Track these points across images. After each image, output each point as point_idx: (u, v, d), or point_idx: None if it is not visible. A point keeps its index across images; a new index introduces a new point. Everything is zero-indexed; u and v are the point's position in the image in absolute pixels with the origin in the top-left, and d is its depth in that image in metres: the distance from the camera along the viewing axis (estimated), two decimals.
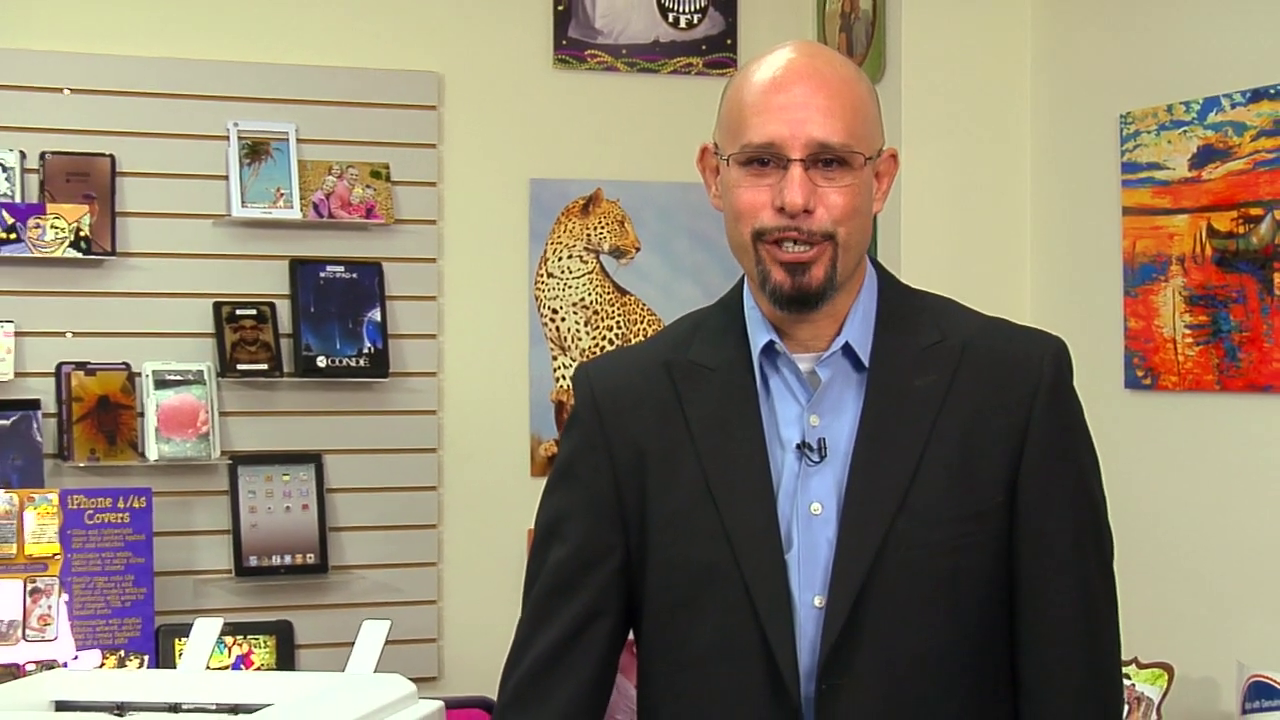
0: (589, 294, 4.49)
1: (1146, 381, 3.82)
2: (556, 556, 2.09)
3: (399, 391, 4.30)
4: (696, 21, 4.60)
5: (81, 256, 3.99)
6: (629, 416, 2.07)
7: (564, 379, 4.43)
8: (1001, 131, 4.28)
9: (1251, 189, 3.53)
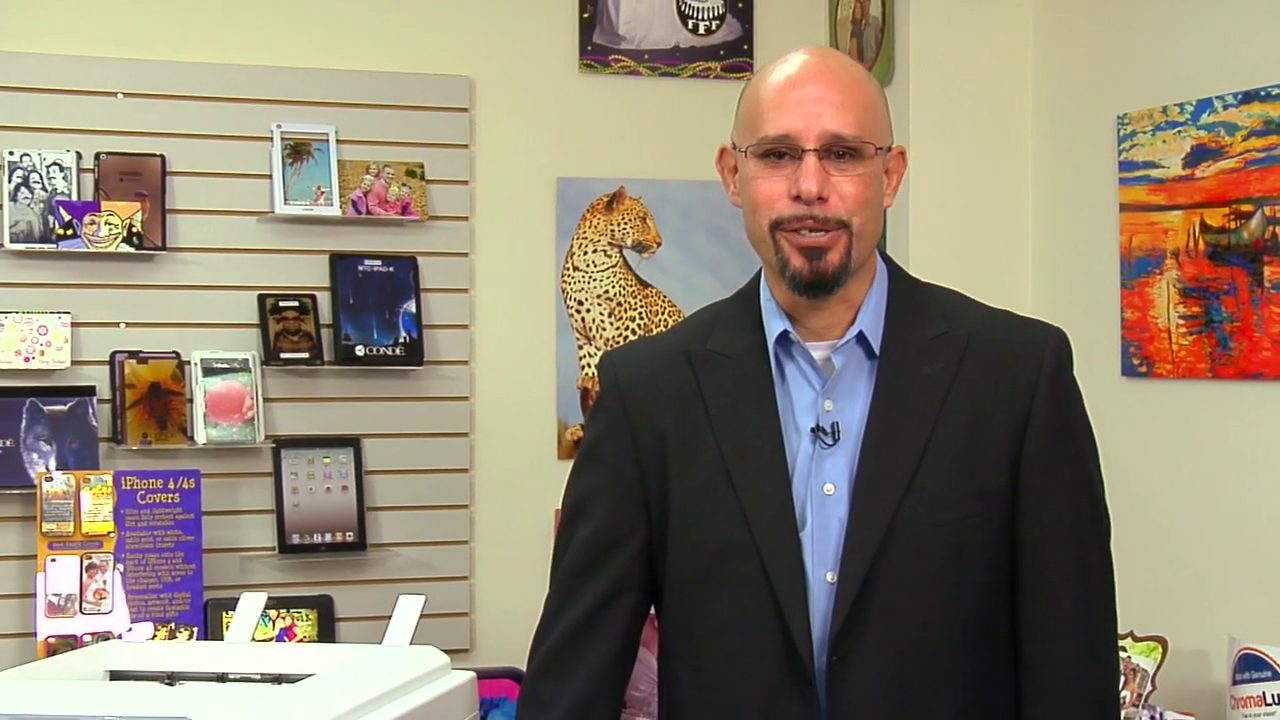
0: (613, 286, 4.48)
1: (1142, 370, 3.81)
2: (582, 535, 2.09)
3: (433, 379, 4.30)
4: (715, 27, 4.59)
5: (134, 251, 4.00)
6: (651, 403, 2.07)
7: (589, 367, 4.42)
8: (1004, 131, 4.26)
9: (1242, 186, 3.52)
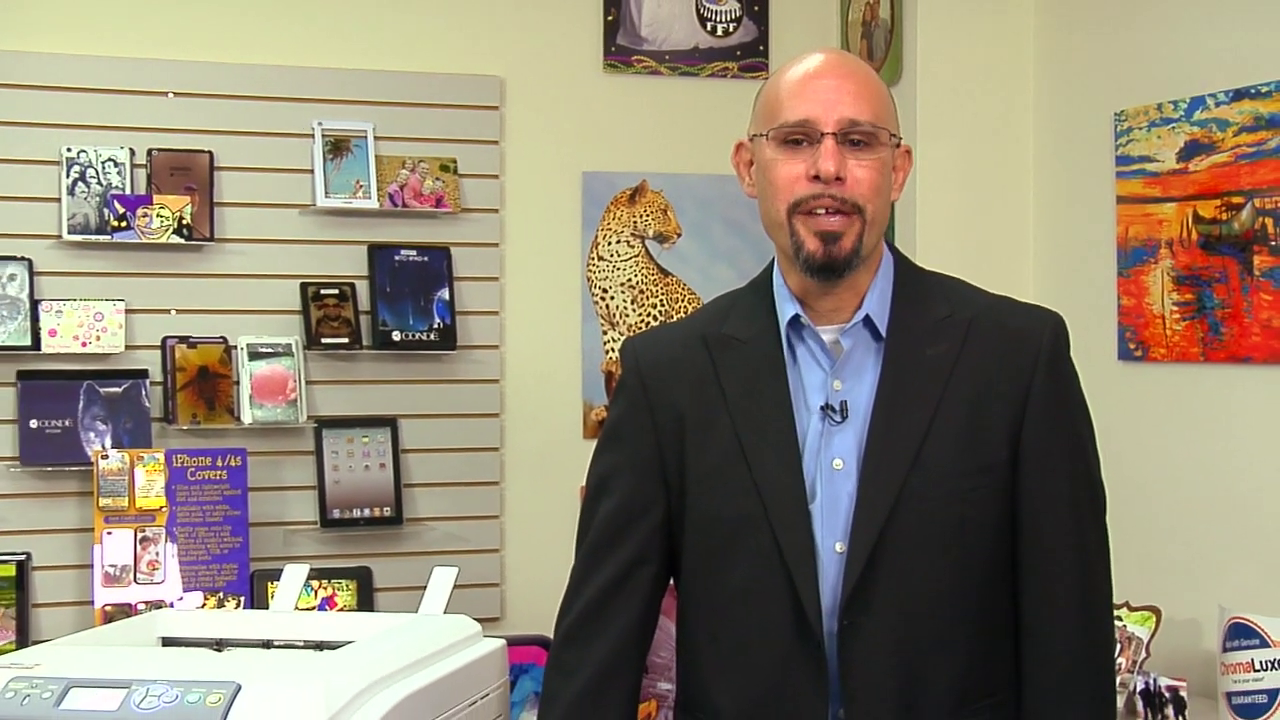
0: (635, 275, 4.48)
1: (1138, 354, 3.80)
2: (605, 510, 2.10)
3: (465, 362, 4.31)
4: (732, 30, 4.58)
5: (184, 242, 4.01)
6: (670, 384, 2.07)
7: (612, 351, 4.42)
8: (1007, 128, 4.25)
9: (1233, 180, 3.50)
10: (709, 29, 4.56)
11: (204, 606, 3.79)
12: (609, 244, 4.46)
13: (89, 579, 3.83)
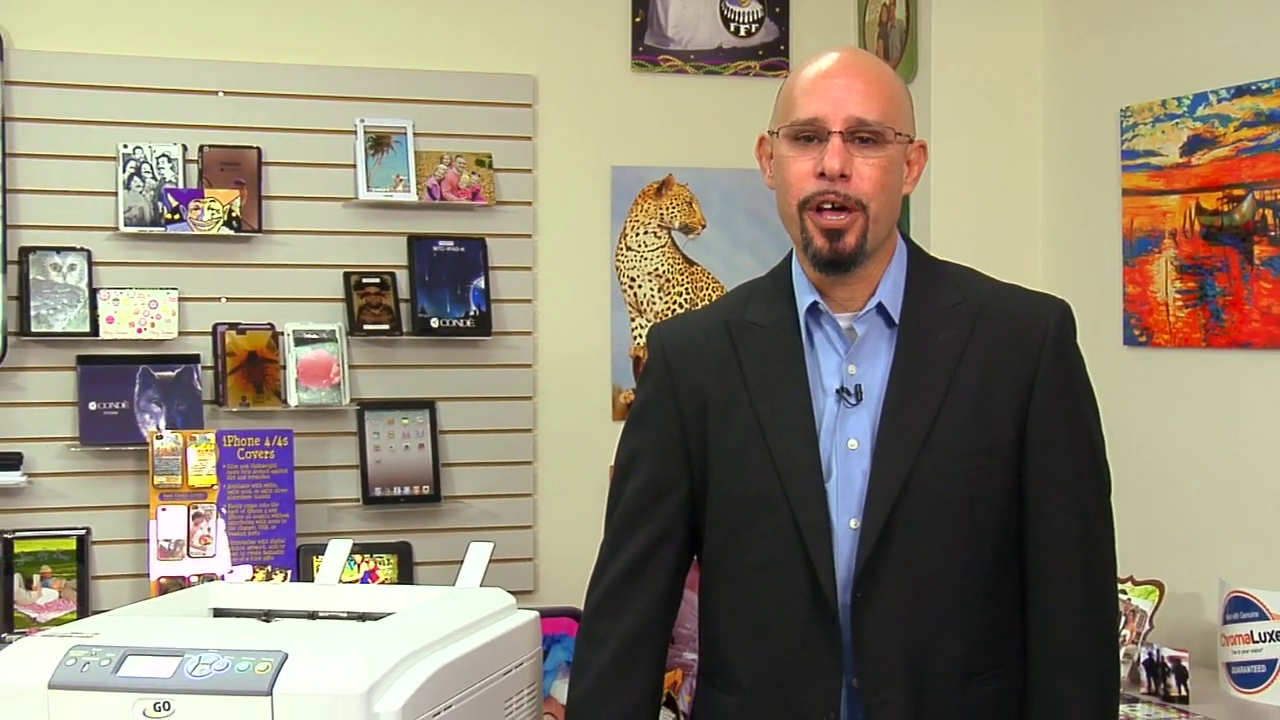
0: (661, 265, 4.48)
1: (1142, 339, 3.78)
2: (632, 488, 2.10)
3: (500, 348, 4.31)
4: (754, 30, 4.57)
5: (233, 234, 4.02)
6: (694, 369, 2.07)
7: (640, 337, 4.42)
8: (1017, 124, 4.23)
9: (1234, 173, 3.49)
10: (732, 29, 4.55)
11: (253, 579, 3.81)
12: (637, 235, 4.46)
13: (145, 553, 3.86)
